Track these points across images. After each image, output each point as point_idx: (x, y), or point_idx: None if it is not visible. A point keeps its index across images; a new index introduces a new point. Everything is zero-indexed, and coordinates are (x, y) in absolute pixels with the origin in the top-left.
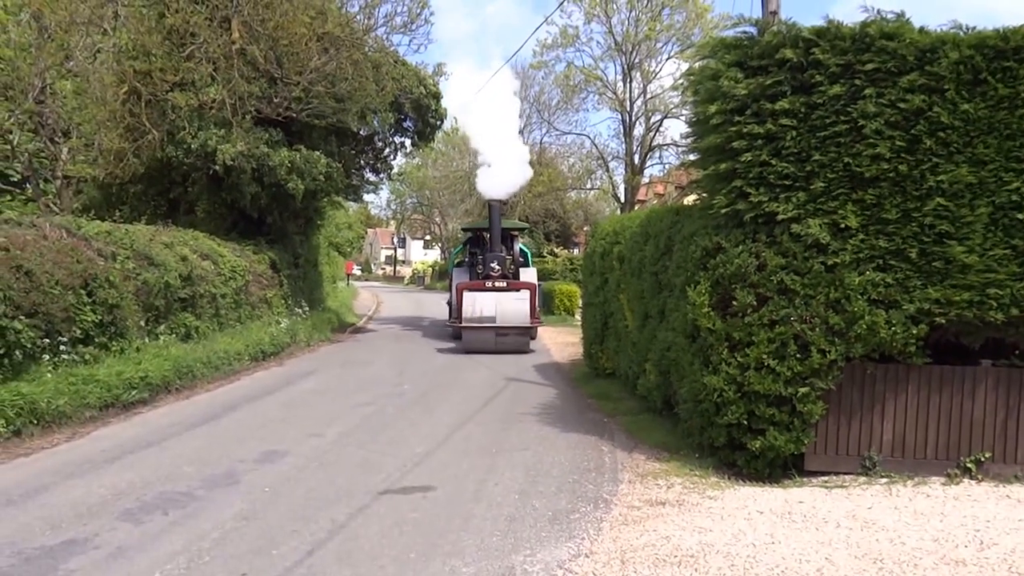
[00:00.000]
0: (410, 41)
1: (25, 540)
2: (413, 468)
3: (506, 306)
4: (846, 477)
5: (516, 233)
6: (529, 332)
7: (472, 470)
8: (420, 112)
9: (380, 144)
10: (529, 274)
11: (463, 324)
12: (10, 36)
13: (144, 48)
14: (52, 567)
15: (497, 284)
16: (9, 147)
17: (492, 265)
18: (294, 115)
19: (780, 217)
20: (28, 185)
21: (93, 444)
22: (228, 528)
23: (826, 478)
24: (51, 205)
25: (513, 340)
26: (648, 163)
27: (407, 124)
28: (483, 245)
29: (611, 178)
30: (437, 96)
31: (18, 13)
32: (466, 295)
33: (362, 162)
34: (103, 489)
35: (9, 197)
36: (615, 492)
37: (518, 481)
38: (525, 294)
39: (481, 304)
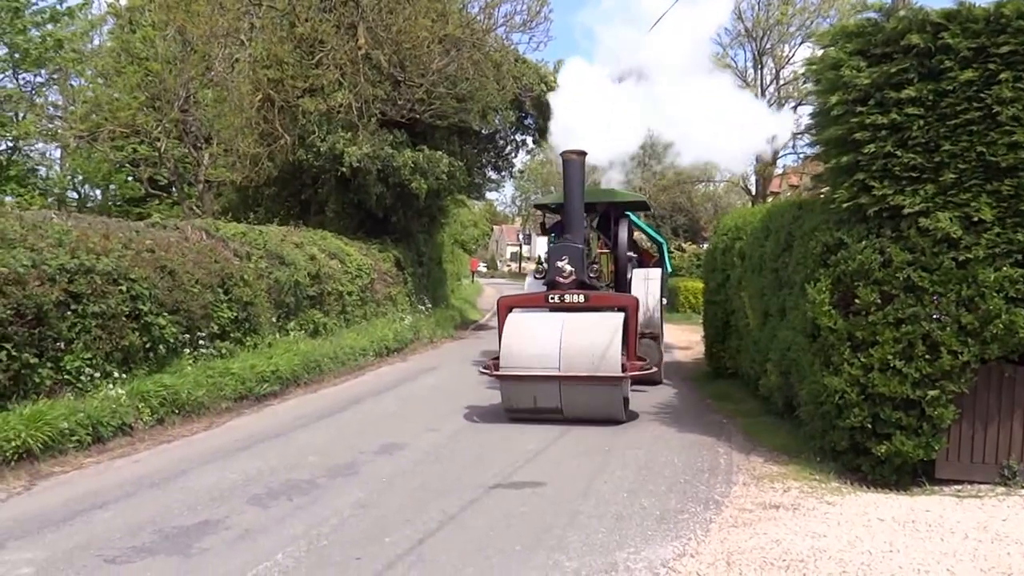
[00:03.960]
0: (530, 39)
1: (165, 520)
2: (525, 464)
3: (578, 338)
4: (982, 487)
5: (623, 213)
6: (622, 386)
7: (583, 467)
8: (541, 109)
9: (501, 142)
10: (645, 281)
11: (500, 371)
12: (158, 50)
13: (277, 57)
14: (188, 545)
15: (567, 298)
16: (157, 154)
17: (559, 264)
18: (417, 116)
19: (907, 211)
20: (174, 189)
21: (227, 433)
22: (346, 515)
23: (959, 487)
24: (194, 208)
25: (592, 399)
26: (781, 153)
27: (528, 121)
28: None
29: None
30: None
31: (164, 29)
32: (511, 319)
33: (484, 160)
34: (235, 475)
35: (158, 201)
36: (728, 494)
37: (628, 480)
38: (615, 319)
39: (533, 334)
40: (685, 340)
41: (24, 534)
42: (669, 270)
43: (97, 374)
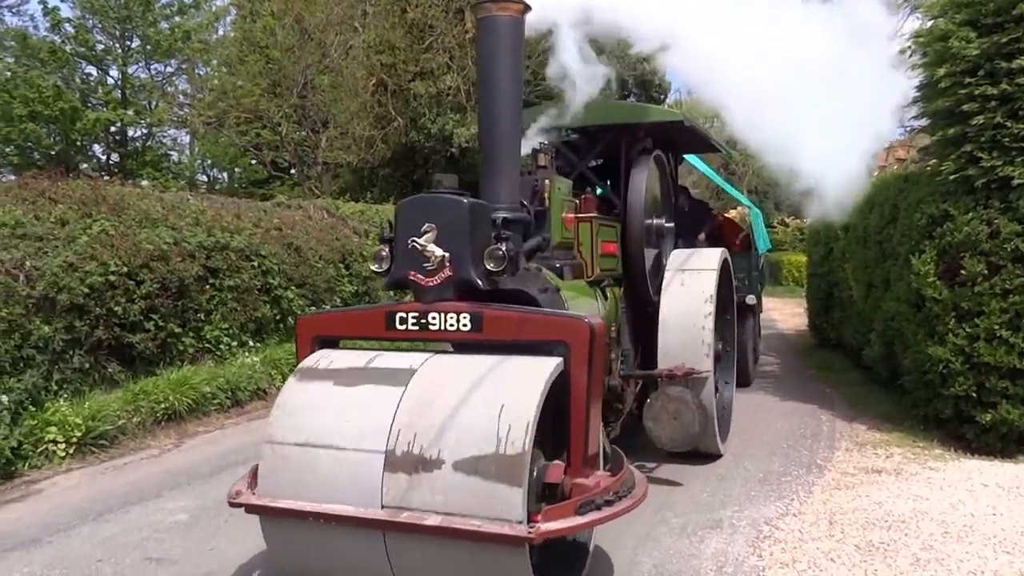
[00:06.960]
0: None
1: None
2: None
3: (435, 423)
4: None
5: (651, 148)
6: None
7: None
8: (644, 87)
9: None
10: (687, 272)
11: (255, 500)
12: (277, 39)
13: (389, 43)
14: None
15: (433, 321)
16: (279, 138)
17: (415, 243)
18: (522, 97)
19: (1016, 182)
20: (294, 171)
21: None
22: None
23: None
24: (313, 188)
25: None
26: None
27: (631, 99)
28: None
29: None
30: (658, 71)
31: (283, 18)
32: (299, 373)
33: None
34: None
35: (279, 182)
36: (830, 459)
37: (731, 444)
38: (533, 374)
39: (337, 411)
40: (788, 311)
41: (176, 485)
42: (764, 248)
43: (234, 343)
